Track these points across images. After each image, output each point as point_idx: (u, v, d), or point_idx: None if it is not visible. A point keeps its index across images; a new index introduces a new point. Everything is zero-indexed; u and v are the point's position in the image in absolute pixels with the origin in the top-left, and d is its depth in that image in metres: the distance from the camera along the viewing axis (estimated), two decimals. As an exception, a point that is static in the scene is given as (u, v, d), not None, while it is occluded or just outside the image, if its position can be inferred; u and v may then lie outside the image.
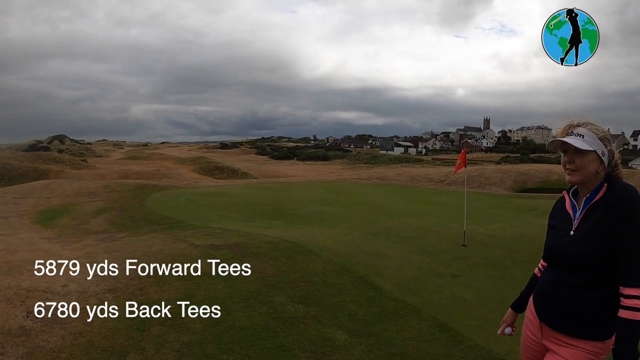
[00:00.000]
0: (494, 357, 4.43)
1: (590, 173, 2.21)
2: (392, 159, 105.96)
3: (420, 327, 5.10)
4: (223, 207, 15.67)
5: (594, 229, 2.14)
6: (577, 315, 2.16)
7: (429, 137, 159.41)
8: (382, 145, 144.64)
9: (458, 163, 10.93)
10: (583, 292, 2.15)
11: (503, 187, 28.18)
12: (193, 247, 7.74)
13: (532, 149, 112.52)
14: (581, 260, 2.15)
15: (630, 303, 2.01)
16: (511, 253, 9.09)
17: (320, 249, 8.10)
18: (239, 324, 4.90)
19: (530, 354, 2.43)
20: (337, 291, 6.02)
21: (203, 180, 38.07)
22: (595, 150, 2.18)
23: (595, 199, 2.18)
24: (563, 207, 2.36)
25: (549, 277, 2.32)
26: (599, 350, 2.15)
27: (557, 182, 21.46)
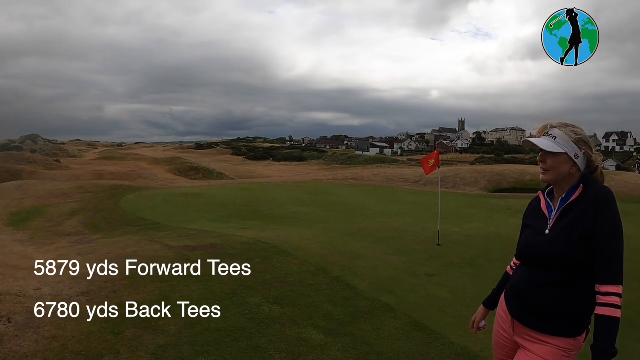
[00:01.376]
0: (469, 354, 4.46)
1: (561, 173, 2.24)
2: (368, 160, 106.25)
3: (395, 326, 5.11)
4: (198, 208, 15.58)
5: (569, 229, 2.17)
6: (550, 313, 2.19)
7: (404, 138, 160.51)
8: (358, 146, 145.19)
9: (432, 164, 10.97)
10: (556, 290, 2.18)
11: (477, 187, 28.41)
12: (168, 248, 7.68)
13: (506, 150, 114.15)
14: (556, 259, 2.17)
15: (608, 300, 2.05)
16: (485, 252, 9.17)
17: (296, 249, 8.09)
18: (215, 326, 4.86)
19: (503, 350, 2.46)
20: (312, 291, 6.01)
21: (178, 181, 37.76)
22: (567, 153, 2.21)
23: (571, 200, 2.21)
24: (538, 206, 2.39)
25: (523, 275, 2.34)
26: (571, 347, 2.18)
27: (531, 182, 21.70)
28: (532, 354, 2.23)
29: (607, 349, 1.99)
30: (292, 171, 73.61)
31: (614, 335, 2.02)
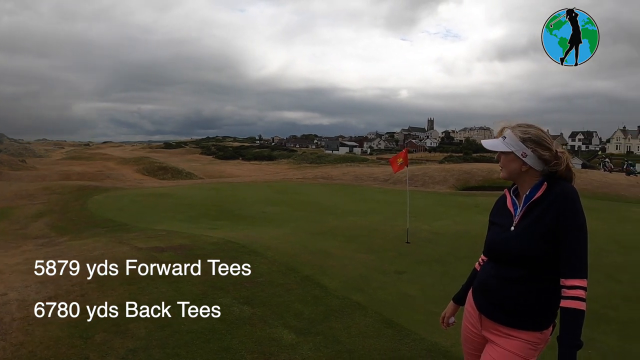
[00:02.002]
0: (440, 349, 4.50)
1: (512, 171, 2.33)
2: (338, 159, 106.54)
3: (366, 323, 5.13)
4: (167, 208, 15.46)
5: (534, 225, 2.22)
6: (517, 307, 2.23)
7: (374, 137, 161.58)
8: (328, 145, 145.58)
9: (400, 162, 11.04)
10: (523, 285, 2.22)
11: (446, 186, 28.71)
12: (136, 250, 7.59)
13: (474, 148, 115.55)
14: (522, 255, 2.22)
15: (573, 293, 2.09)
16: (454, 249, 9.27)
17: (266, 249, 8.07)
18: (185, 328, 4.80)
19: (471, 345, 2.49)
20: (283, 291, 6.00)
21: (147, 181, 37.39)
22: (513, 151, 2.29)
23: (535, 197, 2.26)
24: (504, 204, 2.44)
25: (490, 271, 2.38)
26: (538, 340, 2.22)
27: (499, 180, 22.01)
28: (499, 348, 2.26)
29: (572, 341, 2.03)
30: (261, 170, 73.35)
31: (579, 327, 2.06)
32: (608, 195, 23.91)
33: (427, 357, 4.38)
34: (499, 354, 2.25)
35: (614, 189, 25.37)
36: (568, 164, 2.31)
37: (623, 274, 8.34)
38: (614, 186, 26.11)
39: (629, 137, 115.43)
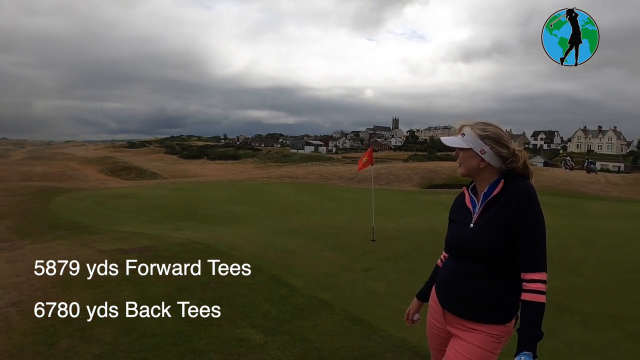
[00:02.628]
0: (407, 344, 4.54)
1: (471, 167, 2.38)
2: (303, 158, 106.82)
3: (333, 321, 5.13)
4: (131, 209, 15.24)
5: (492, 222, 2.26)
6: (479, 302, 2.27)
7: (339, 136, 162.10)
8: (293, 144, 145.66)
9: (364, 161, 11.12)
10: (483, 280, 2.26)
11: (411, 184, 28.97)
12: (100, 252, 7.46)
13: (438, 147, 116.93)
14: (481, 250, 2.26)
15: (533, 287, 2.14)
16: (419, 246, 9.37)
17: (232, 249, 8.04)
18: (151, 331, 4.73)
19: (437, 340, 2.53)
20: (249, 291, 5.97)
21: (110, 182, 36.76)
22: (472, 148, 2.35)
23: (493, 194, 2.31)
24: (463, 202, 2.49)
25: (451, 267, 2.43)
26: (501, 333, 2.26)
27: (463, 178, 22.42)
28: (464, 342, 2.30)
29: (533, 332, 2.08)
30: (226, 170, 73.00)
31: (540, 319, 2.11)
32: (569, 192, 24.51)
33: (395, 353, 4.41)
34: (464, 348, 2.29)
35: (575, 186, 25.99)
36: (525, 161, 2.37)
37: (584, 267, 8.57)
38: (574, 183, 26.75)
39: (590, 137, 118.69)
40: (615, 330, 5.73)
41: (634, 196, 24.22)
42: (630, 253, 10.08)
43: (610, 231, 13.36)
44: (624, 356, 5.03)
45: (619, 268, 8.68)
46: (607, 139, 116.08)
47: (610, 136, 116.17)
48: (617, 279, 7.96)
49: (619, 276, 8.13)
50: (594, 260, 9.19)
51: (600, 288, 7.40)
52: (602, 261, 9.14)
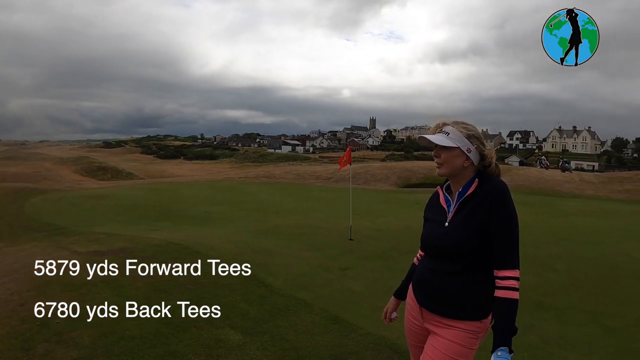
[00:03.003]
0: (386, 342, 4.58)
1: (455, 167, 2.37)
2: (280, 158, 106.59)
3: (312, 320, 5.15)
4: (107, 210, 15.09)
5: (466, 221, 2.29)
6: (455, 299, 2.30)
7: (316, 135, 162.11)
8: (270, 143, 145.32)
9: (344, 160, 11.17)
10: (459, 278, 2.30)
11: (388, 183, 29.09)
12: (76, 254, 7.37)
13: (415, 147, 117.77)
14: (456, 249, 2.29)
15: (506, 284, 2.18)
16: (397, 244, 9.43)
17: (209, 249, 7.99)
18: (129, 333, 4.68)
19: (415, 337, 2.56)
20: (227, 291, 5.94)
21: (86, 182, 36.26)
22: (459, 147, 2.35)
23: (468, 193, 2.34)
24: (437, 201, 2.51)
25: (427, 265, 2.46)
26: (477, 329, 2.30)
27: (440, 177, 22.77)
28: (441, 338, 2.33)
29: (507, 328, 2.11)
30: (203, 170, 72.63)
31: (514, 315, 2.14)
32: (544, 190, 24.88)
33: (374, 351, 4.44)
34: (441, 344, 2.32)
35: (550, 185, 26.38)
36: (496, 160, 2.43)
37: (559, 263, 8.72)
38: (550, 182, 27.15)
39: (564, 136, 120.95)
40: (590, 325, 5.85)
41: (608, 194, 24.67)
42: (604, 250, 10.27)
43: (584, 228, 13.60)
44: (600, 350, 5.13)
45: (594, 264, 8.85)
46: (581, 139, 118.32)
47: (585, 136, 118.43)
48: (591, 274, 8.12)
49: (593, 272, 8.29)
50: (568, 256, 9.35)
51: (575, 284, 7.53)
52: (577, 258, 9.30)
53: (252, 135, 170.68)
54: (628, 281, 7.90)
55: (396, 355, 4.29)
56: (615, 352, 5.10)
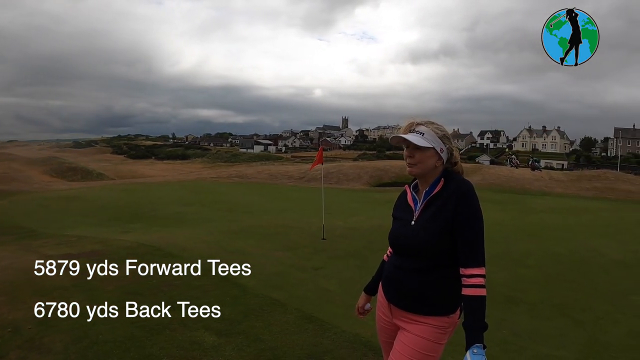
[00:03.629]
0: (361, 340, 4.61)
1: (428, 167, 2.40)
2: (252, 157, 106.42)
3: (287, 320, 5.15)
4: (77, 212, 14.91)
5: (433, 219, 2.34)
6: (422, 296, 2.34)
7: (289, 135, 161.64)
8: (242, 143, 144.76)
9: (314, 160, 11.23)
10: (425, 274, 2.34)
11: (360, 183, 29.26)
12: (46, 258, 7.24)
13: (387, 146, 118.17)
14: (422, 247, 2.33)
15: (473, 281, 2.22)
16: (369, 243, 9.48)
17: (181, 250, 7.96)
18: (103, 338, 4.60)
19: (386, 333, 2.59)
20: (201, 293, 5.90)
21: (55, 183, 35.68)
22: (434, 147, 2.38)
23: (434, 192, 2.38)
24: (405, 199, 2.55)
25: (395, 262, 2.49)
26: (446, 325, 2.34)
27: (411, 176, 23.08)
28: (409, 334, 2.37)
29: (477, 324, 2.15)
30: (175, 170, 72.06)
31: (483, 311, 2.18)
32: (514, 188, 25.31)
33: (349, 349, 4.47)
34: (409, 340, 2.35)
35: (520, 183, 26.84)
36: (459, 160, 2.49)
37: (530, 259, 8.91)
38: (520, 180, 27.63)
39: (534, 136, 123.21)
40: (561, 318, 6.00)
41: (577, 192, 25.17)
42: (574, 245, 10.52)
43: (554, 225, 13.88)
44: (570, 342, 5.27)
45: (563, 260, 9.07)
46: (551, 138, 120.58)
47: (554, 135, 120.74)
48: (561, 270, 8.32)
49: (563, 267, 8.50)
50: (539, 252, 9.55)
51: (546, 279, 7.72)
52: (547, 253, 9.51)
53: (224, 135, 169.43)
54: (597, 276, 8.12)
55: (371, 353, 4.32)
56: (585, 344, 5.24)
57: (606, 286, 7.57)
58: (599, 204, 21.24)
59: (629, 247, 10.78)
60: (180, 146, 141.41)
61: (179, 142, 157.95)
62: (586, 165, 76.64)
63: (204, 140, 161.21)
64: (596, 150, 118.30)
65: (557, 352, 4.98)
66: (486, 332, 2.14)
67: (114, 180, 42.19)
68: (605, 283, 7.73)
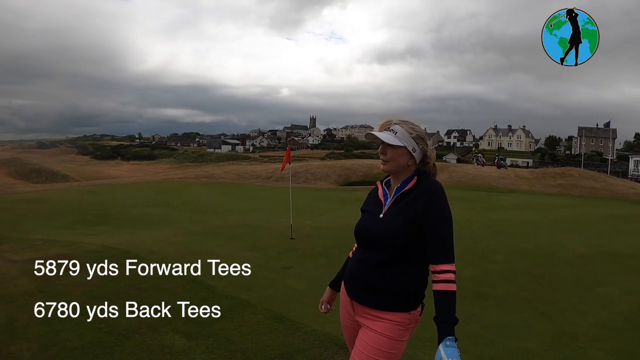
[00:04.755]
0: (331, 338, 4.64)
1: (400, 165, 2.46)
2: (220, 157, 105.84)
3: (257, 321, 5.15)
4: (42, 214, 14.66)
5: (400, 214, 2.38)
6: (382, 291, 2.37)
7: (256, 134, 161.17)
8: (210, 143, 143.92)
9: (283, 160, 11.27)
10: (387, 269, 2.36)
11: (328, 182, 29.35)
12: (10, 263, 7.12)
13: (355, 145, 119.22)
14: (386, 239, 2.36)
15: (443, 277, 2.25)
16: (338, 242, 9.53)
17: (149, 253, 7.89)
18: (70, 345, 4.51)
19: (349, 331, 2.61)
20: (169, 295, 5.83)
21: (19, 185, 35.00)
22: (405, 146, 2.43)
23: (406, 189, 2.42)
24: (376, 194, 2.59)
25: (358, 257, 2.52)
26: (407, 321, 2.36)
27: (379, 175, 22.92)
28: (370, 331, 2.38)
29: (448, 318, 2.19)
30: (141, 170, 71.28)
31: (453, 306, 2.22)
32: (481, 186, 25.72)
33: (320, 347, 4.49)
34: (370, 338, 2.36)
35: (486, 181, 27.30)
36: (435, 162, 2.55)
37: (497, 255, 9.09)
38: (486, 178, 28.11)
39: (500, 135, 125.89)
40: (528, 311, 6.15)
41: (542, 189, 25.74)
42: (539, 241, 10.79)
43: (520, 221, 14.19)
44: (538, 334, 5.40)
45: (529, 254, 9.30)
46: (516, 137, 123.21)
47: (520, 134, 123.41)
48: (528, 264, 8.53)
49: (529, 262, 8.72)
50: (505, 248, 9.76)
51: (513, 273, 7.89)
52: (514, 249, 9.72)
53: (191, 135, 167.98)
54: (562, 269, 8.34)
55: (342, 351, 4.34)
56: (553, 336, 5.37)
57: (572, 279, 7.78)
58: (563, 200, 21.78)
59: (593, 241, 11.09)
60: (147, 146, 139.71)
61: (146, 142, 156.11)
62: (551, 163, 78.22)
63: (171, 140, 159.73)
64: (560, 148, 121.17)
65: (526, 344, 5.09)
66: (457, 326, 2.18)
67: (79, 181, 41.52)
68: (571, 276, 7.94)
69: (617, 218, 16.55)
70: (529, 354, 4.86)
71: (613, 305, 6.55)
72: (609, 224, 14.87)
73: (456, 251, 2.33)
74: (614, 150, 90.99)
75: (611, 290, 7.22)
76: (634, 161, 53.89)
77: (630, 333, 5.58)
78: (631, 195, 24.98)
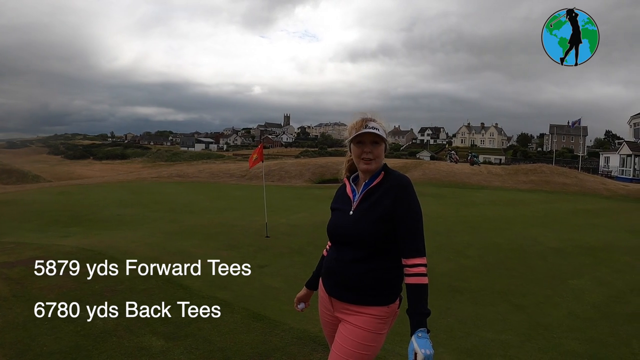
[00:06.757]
0: (309, 336, 4.68)
1: (382, 161, 2.51)
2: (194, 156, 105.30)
3: (234, 320, 5.16)
4: (13, 217, 14.43)
5: (370, 210, 2.42)
6: (359, 286, 2.41)
7: (230, 133, 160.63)
8: (183, 142, 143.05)
9: (254, 158, 11.19)
10: (363, 264, 2.41)
11: (302, 180, 29.37)
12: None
13: (329, 143, 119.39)
14: (359, 236, 2.40)
15: (415, 271, 2.31)
16: (313, 240, 9.59)
17: (123, 254, 7.82)
18: (47, 349, 4.43)
19: (328, 327, 2.65)
20: (145, 296, 5.81)
21: (-13, 188, 34.31)
22: (385, 142, 2.49)
23: (373, 184, 2.47)
24: (344, 191, 2.64)
25: (333, 254, 2.57)
26: (385, 314, 2.41)
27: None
28: (349, 325, 2.43)
29: (421, 311, 2.24)
30: (114, 170, 70.48)
31: (425, 298, 2.27)
32: (454, 183, 26.02)
33: (298, 345, 4.52)
34: (349, 331, 2.40)
35: (460, 178, 27.60)
36: None
37: (471, 250, 9.25)
38: (459, 175, 28.41)
39: (473, 132, 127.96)
40: (502, 304, 6.29)
41: (514, 185, 26.16)
42: (512, 235, 11.01)
43: (493, 217, 14.42)
44: (513, 326, 5.53)
45: (502, 249, 9.48)
46: (489, 135, 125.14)
47: (492, 132, 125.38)
48: (501, 258, 8.70)
49: (502, 256, 8.89)
50: (479, 243, 9.92)
51: (487, 267, 8.04)
52: (487, 244, 9.89)
53: (164, 133, 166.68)
54: (535, 263, 8.53)
55: (320, 348, 4.39)
56: (528, 327, 5.52)
57: (544, 272, 7.97)
58: (535, 196, 22.19)
59: (565, 235, 11.34)
60: (119, 145, 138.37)
61: (118, 141, 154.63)
62: (523, 160, 79.24)
63: (144, 138, 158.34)
64: (532, 145, 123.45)
65: (502, 336, 5.20)
66: (433, 320, 2.23)
67: (51, 182, 40.81)
68: (544, 269, 8.13)
69: (587, 212, 16.94)
70: (505, 345, 4.97)
71: (585, 296, 6.74)
72: (580, 218, 15.21)
73: (431, 247, 2.38)
74: (585, 147, 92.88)
75: (583, 282, 7.42)
76: (604, 157, 54.93)
77: (602, 322, 5.76)
78: (601, 190, 25.55)
